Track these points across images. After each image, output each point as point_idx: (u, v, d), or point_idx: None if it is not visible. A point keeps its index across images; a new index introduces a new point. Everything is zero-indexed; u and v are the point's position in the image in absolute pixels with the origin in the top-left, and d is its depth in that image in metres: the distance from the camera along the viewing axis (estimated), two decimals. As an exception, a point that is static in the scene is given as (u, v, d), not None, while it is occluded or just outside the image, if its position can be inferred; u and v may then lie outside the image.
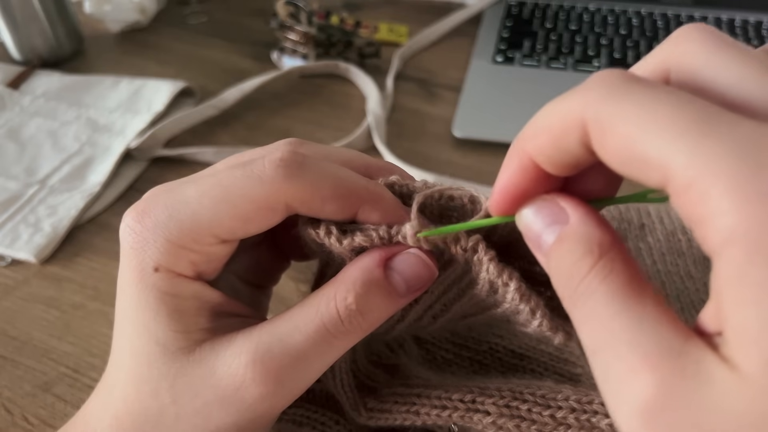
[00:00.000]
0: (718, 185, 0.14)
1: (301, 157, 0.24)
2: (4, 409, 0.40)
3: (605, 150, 0.17)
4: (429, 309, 0.29)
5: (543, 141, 0.19)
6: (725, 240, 0.14)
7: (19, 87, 0.69)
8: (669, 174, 0.15)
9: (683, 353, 0.15)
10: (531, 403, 0.26)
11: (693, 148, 0.15)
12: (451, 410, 0.27)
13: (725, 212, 0.14)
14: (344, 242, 0.24)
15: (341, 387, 0.29)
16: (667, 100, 0.16)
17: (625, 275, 0.18)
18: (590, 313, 0.18)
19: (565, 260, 0.19)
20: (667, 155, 0.15)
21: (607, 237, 0.19)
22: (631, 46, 0.71)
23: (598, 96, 0.17)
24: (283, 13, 0.70)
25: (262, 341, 0.24)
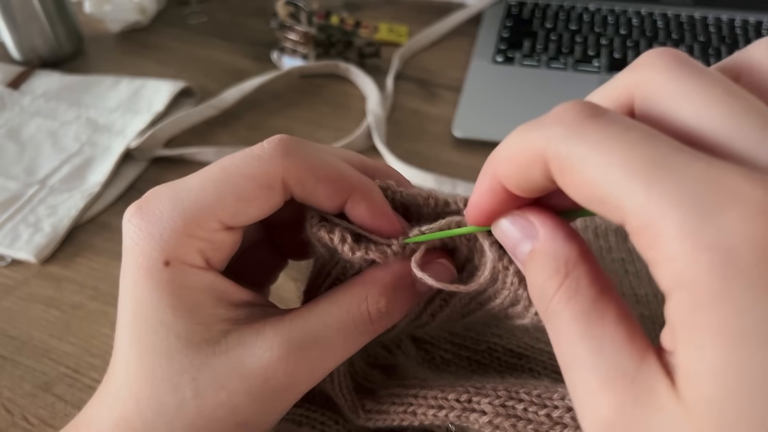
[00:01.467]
0: (668, 231, 0.15)
1: (300, 140, 0.25)
2: (4, 409, 0.40)
3: (566, 187, 0.18)
4: (428, 305, 0.29)
5: (509, 169, 0.20)
6: (674, 284, 0.15)
7: (19, 87, 0.69)
8: (625, 216, 0.16)
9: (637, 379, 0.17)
10: (527, 402, 0.26)
11: (646, 191, 0.15)
12: (448, 410, 0.27)
13: (673, 258, 0.15)
14: (357, 254, 0.25)
15: (339, 390, 0.29)
16: (623, 140, 0.16)
17: (589, 294, 0.19)
18: (557, 333, 0.19)
19: (536, 278, 0.20)
20: (623, 197, 0.16)
21: (573, 252, 0.19)
22: (631, 46, 0.71)
23: (558, 134, 0.17)
24: (283, 13, 0.70)
25: (293, 335, 0.24)
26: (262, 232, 0.30)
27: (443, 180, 0.54)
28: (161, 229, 0.24)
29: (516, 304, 0.25)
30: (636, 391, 0.16)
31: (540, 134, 0.18)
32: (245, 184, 0.24)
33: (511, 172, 0.20)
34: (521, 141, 0.19)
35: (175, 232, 0.24)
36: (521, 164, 0.19)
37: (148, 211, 0.24)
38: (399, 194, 0.26)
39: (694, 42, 0.71)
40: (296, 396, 0.26)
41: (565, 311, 0.19)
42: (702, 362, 0.15)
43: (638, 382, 0.17)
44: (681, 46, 0.71)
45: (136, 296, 0.24)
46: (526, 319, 0.25)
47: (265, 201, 0.24)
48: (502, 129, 0.59)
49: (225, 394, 0.24)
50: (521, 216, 0.21)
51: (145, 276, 0.24)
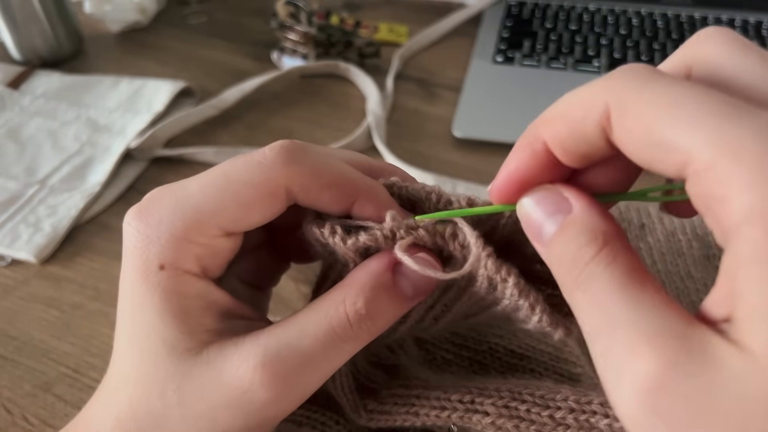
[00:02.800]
0: (739, 165, 0.14)
1: (302, 145, 0.24)
2: (4, 409, 0.40)
3: (625, 135, 0.17)
4: (430, 310, 0.29)
5: (560, 126, 0.19)
6: (743, 219, 0.14)
7: (19, 87, 0.69)
8: (689, 156, 0.15)
9: (688, 336, 0.15)
10: (530, 403, 0.26)
11: (715, 131, 0.15)
12: (450, 411, 0.27)
13: (745, 191, 0.14)
14: (348, 242, 0.24)
15: (341, 389, 0.29)
16: (690, 91, 0.16)
17: (628, 264, 0.18)
18: (592, 298, 0.18)
19: (568, 247, 0.19)
20: (688, 138, 0.15)
21: (610, 228, 0.19)
22: (631, 46, 0.71)
23: (624, 84, 0.17)
24: (283, 13, 0.70)
25: (270, 345, 0.24)
26: (264, 235, 0.30)
27: (443, 180, 0.54)
28: (159, 233, 0.24)
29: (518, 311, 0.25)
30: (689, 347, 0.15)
31: (604, 86, 0.18)
32: (247, 191, 0.23)
33: (562, 129, 0.19)
34: (580, 95, 0.18)
35: (174, 236, 0.24)
36: (577, 118, 0.18)
37: (148, 215, 0.24)
38: (405, 189, 0.26)
39: (694, 42, 0.71)
40: (280, 412, 0.25)
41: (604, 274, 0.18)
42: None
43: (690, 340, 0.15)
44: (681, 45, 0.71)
45: (131, 298, 0.24)
46: (530, 325, 0.25)
47: (267, 208, 0.24)
48: (502, 129, 0.59)
49: (205, 405, 0.24)
50: (553, 189, 0.20)
51: (141, 278, 0.24)
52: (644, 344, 0.16)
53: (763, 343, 0.14)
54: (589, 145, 0.18)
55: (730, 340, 0.15)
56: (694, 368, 0.15)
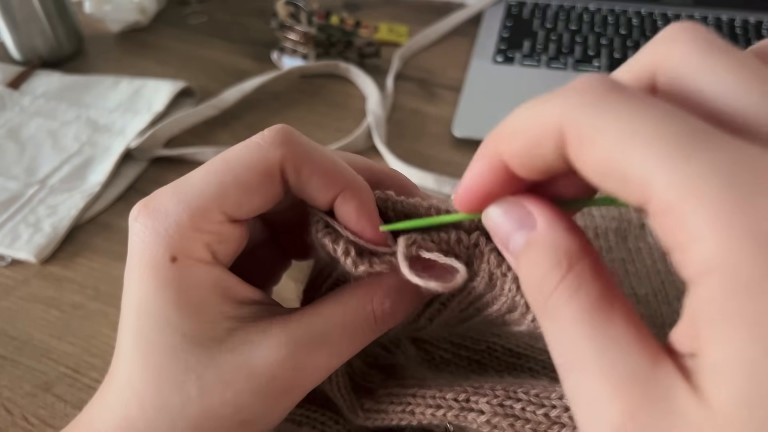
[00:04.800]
0: (700, 211, 0.14)
1: (299, 132, 0.25)
2: (4, 409, 0.40)
3: (582, 161, 0.16)
4: (426, 308, 0.29)
5: (517, 144, 0.18)
6: (704, 269, 0.14)
7: (19, 87, 0.69)
8: (649, 193, 0.15)
9: (652, 380, 0.15)
10: (525, 402, 0.26)
11: (676, 168, 0.14)
12: (446, 409, 0.27)
13: (706, 240, 0.14)
14: (360, 268, 0.25)
15: (337, 390, 0.29)
16: (651, 114, 0.15)
17: (594, 289, 0.17)
18: (558, 331, 0.17)
19: (533, 271, 0.18)
20: (648, 174, 0.14)
21: (575, 244, 0.18)
22: (631, 46, 0.71)
23: (580, 103, 0.16)
24: (283, 13, 0.70)
25: (299, 334, 0.25)
26: (266, 233, 0.30)
27: (443, 180, 0.54)
28: (167, 224, 0.24)
29: (513, 311, 0.25)
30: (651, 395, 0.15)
31: (557, 103, 0.17)
32: (245, 172, 0.24)
33: (518, 147, 0.18)
34: (534, 112, 0.17)
35: (181, 226, 0.24)
36: (532, 137, 0.17)
37: (154, 209, 0.24)
38: (399, 203, 0.26)
39: (694, 42, 0.71)
40: (301, 395, 0.26)
41: (568, 308, 0.17)
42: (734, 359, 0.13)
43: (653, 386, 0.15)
44: (681, 46, 0.71)
45: (141, 295, 0.24)
46: (523, 326, 0.25)
47: (265, 189, 0.24)
48: (502, 129, 0.59)
49: (231, 392, 0.24)
50: (517, 203, 0.20)
51: (152, 273, 0.24)
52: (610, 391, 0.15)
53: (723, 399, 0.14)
54: (548, 164, 0.17)
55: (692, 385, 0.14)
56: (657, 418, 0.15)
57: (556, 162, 0.17)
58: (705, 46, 0.17)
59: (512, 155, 0.18)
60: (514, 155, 0.18)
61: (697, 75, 0.16)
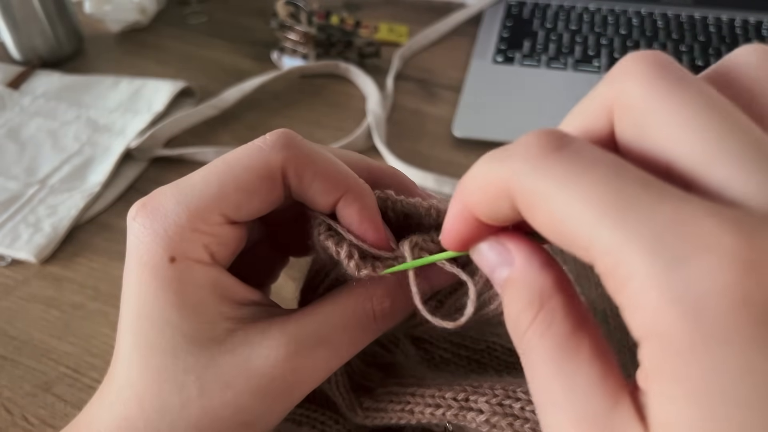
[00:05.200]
0: (635, 278, 0.14)
1: (300, 136, 0.25)
2: (4, 409, 0.40)
3: (533, 222, 0.17)
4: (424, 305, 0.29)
5: (478, 200, 0.19)
6: (645, 333, 0.15)
7: (19, 87, 0.69)
8: (593, 257, 0.15)
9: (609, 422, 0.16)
10: (524, 401, 0.26)
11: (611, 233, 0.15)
12: (445, 409, 0.27)
13: (642, 307, 0.14)
14: (362, 272, 0.25)
15: (336, 389, 0.29)
16: (587, 175, 0.15)
17: (564, 328, 0.18)
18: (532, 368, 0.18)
19: (511, 308, 0.19)
20: (588, 238, 0.15)
21: (548, 282, 0.19)
22: (631, 46, 0.71)
23: (521, 168, 0.17)
24: (283, 13, 0.70)
25: (299, 334, 0.24)
26: (264, 232, 0.30)
27: (443, 180, 0.54)
28: (166, 225, 0.24)
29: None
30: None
31: (504, 167, 0.17)
32: (246, 175, 0.24)
33: (480, 203, 0.19)
34: (487, 172, 0.18)
35: (180, 227, 0.24)
36: (489, 196, 0.18)
37: (153, 209, 0.24)
38: (399, 203, 0.26)
39: (694, 42, 0.71)
40: (301, 395, 0.26)
41: (539, 345, 0.18)
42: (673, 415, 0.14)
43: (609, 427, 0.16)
44: (681, 45, 0.71)
45: (140, 295, 0.24)
46: None
47: (266, 193, 0.24)
48: (502, 129, 0.59)
49: (230, 393, 0.24)
50: (497, 242, 0.21)
51: (150, 274, 0.24)
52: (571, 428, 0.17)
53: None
54: (509, 217, 0.18)
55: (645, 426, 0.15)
56: None
57: (516, 215, 0.18)
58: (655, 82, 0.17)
59: (477, 208, 0.19)
60: (478, 208, 0.19)
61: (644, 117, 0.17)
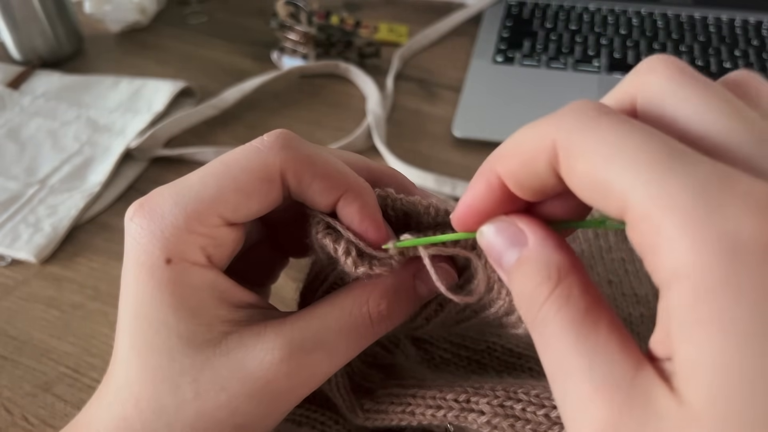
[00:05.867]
0: (672, 220, 0.15)
1: (299, 136, 0.25)
2: (4, 409, 0.40)
3: (571, 175, 0.18)
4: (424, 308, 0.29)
5: (513, 162, 0.19)
6: (674, 274, 0.15)
7: (19, 87, 0.69)
8: (627, 204, 0.16)
9: (634, 385, 0.16)
10: (525, 402, 0.26)
11: (652, 181, 0.15)
12: (446, 410, 0.27)
13: (676, 248, 0.15)
14: (360, 269, 0.25)
15: (337, 390, 0.29)
16: (633, 135, 0.16)
17: (582, 303, 0.18)
18: (548, 341, 0.18)
19: (525, 285, 0.19)
20: (627, 186, 0.16)
21: (565, 261, 0.19)
22: (631, 46, 0.71)
23: (570, 124, 0.18)
24: (283, 13, 0.70)
25: (294, 337, 0.24)
26: (263, 232, 0.30)
27: (443, 180, 0.54)
28: (163, 226, 0.24)
29: (510, 314, 0.25)
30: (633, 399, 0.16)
31: (553, 124, 0.18)
32: (244, 176, 0.24)
33: (515, 165, 0.19)
34: (531, 132, 0.19)
35: (177, 228, 0.24)
36: (528, 155, 0.19)
37: (150, 210, 0.24)
38: (399, 201, 0.26)
39: (694, 42, 0.71)
40: (297, 399, 0.26)
41: (557, 319, 0.18)
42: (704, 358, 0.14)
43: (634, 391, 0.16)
44: (681, 45, 0.71)
45: (137, 296, 0.24)
46: (520, 329, 0.25)
47: (264, 194, 0.24)
48: (502, 129, 0.59)
49: (225, 396, 0.24)
50: (509, 221, 0.21)
51: (147, 275, 0.24)
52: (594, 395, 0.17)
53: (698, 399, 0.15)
54: (542, 181, 0.19)
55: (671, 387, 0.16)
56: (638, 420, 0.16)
57: (549, 178, 0.19)
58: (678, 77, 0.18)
59: (509, 173, 0.20)
60: (510, 173, 0.20)
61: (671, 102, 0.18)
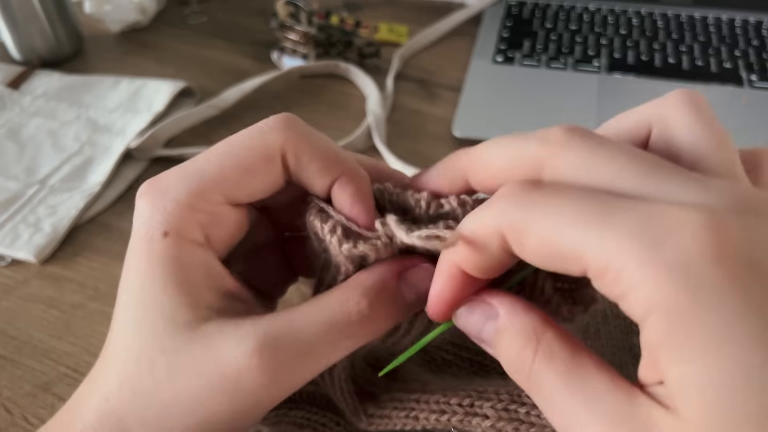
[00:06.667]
0: (629, 265, 0.16)
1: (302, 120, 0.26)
2: (4, 409, 0.40)
3: (525, 252, 0.19)
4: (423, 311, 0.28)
5: (469, 253, 0.21)
6: (646, 310, 0.16)
7: (19, 87, 0.69)
8: (585, 263, 0.17)
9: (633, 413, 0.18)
10: (529, 405, 0.26)
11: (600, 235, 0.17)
12: (450, 414, 0.27)
13: (639, 286, 0.16)
14: (344, 246, 0.24)
15: (341, 394, 0.29)
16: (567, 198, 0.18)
17: (565, 352, 0.20)
18: (547, 397, 0.20)
19: (510, 352, 0.21)
20: (579, 247, 0.17)
21: (537, 319, 0.21)
22: (631, 46, 0.71)
23: (508, 206, 0.19)
24: (283, 13, 0.70)
25: (270, 331, 0.24)
26: (271, 235, 0.30)
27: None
28: (165, 201, 0.24)
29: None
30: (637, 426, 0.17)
31: (492, 212, 0.20)
32: (245, 154, 0.25)
33: (470, 255, 0.21)
34: (476, 224, 0.21)
35: (178, 203, 0.24)
36: (479, 244, 0.20)
37: (156, 185, 0.25)
38: (396, 196, 0.26)
39: (694, 42, 0.71)
40: (271, 401, 0.25)
41: (548, 375, 0.19)
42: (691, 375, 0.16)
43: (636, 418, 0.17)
44: (681, 45, 0.71)
45: (131, 268, 0.24)
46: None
47: (265, 173, 0.25)
48: (502, 129, 0.59)
49: (197, 384, 0.23)
50: (479, 300, 0.22)
51: (143, 246, 0.24)
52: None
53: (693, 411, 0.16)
54: (497, 262, 0.21)
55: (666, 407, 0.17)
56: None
57: (504, 257, 0.20)
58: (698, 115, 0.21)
59: (467, 263, 0.21)
60: (468, 263, 0.21)
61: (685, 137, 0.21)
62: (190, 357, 0.23)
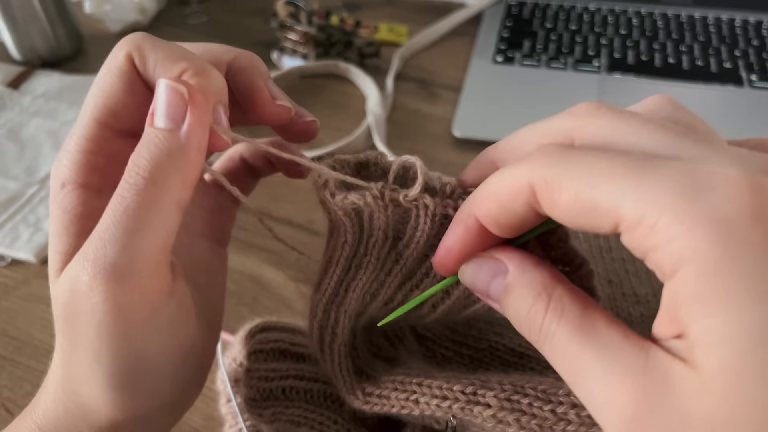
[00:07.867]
0: (664, 217, 0.16)
1: (151, 35, 0.25)
2: (4, 409, 0.40)
3: (555, 208, 0.19)
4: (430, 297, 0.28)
5: (491, 206, 0.21)
6: (678, 261, 0.16)
7: (19, 87, 0.69)
8: (619, 215, 0.17)
9: (648, 366, 0.17)
10: (532, 397, 0.26)
11: (636, 189, 0.17)
12: (452, 401, 0.26)
13: (674, 238, 0.16)
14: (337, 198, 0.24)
15: (339, 370, 0.29)
16: (602, 156, 0.18)
17: (576, 308, 0.19)
18: (559, 353, 0.20)
19: (519, 309, 0.21)
20: (614, 200, 0.17)
21: (547, 276, 0.21)
22: (631, 46, 0.71)
23: (543, 164, 0.19)
24: (283, 13, 0.70)
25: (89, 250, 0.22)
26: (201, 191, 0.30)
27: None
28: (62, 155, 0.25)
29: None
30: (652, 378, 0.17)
31: (524, 168, 0.20)
32: (104, 79, 0.25)
33: (493, 208, 0.21)
34: (505, 177, 0.20)
35: (69, 153, 0.25)
36: (504, 198, 0.20)
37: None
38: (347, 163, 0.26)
39: (694, 42, 0.71)
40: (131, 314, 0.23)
41: (559, 330, 0.19)
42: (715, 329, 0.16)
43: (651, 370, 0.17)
44: (681, 45, 0.71)
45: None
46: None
47: (126, 86, 0.25)
48: (502, 129, 0.59)
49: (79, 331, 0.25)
50: (487, 256, 0.22)
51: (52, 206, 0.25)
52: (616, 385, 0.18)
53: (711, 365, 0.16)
54: (519, 219, 0.20)
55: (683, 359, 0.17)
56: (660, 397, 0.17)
57: (527, 215, 0.20)
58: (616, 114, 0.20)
59: (487, 216, 0.21)
60: (489, 216, 0.21)
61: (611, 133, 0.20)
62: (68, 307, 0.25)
